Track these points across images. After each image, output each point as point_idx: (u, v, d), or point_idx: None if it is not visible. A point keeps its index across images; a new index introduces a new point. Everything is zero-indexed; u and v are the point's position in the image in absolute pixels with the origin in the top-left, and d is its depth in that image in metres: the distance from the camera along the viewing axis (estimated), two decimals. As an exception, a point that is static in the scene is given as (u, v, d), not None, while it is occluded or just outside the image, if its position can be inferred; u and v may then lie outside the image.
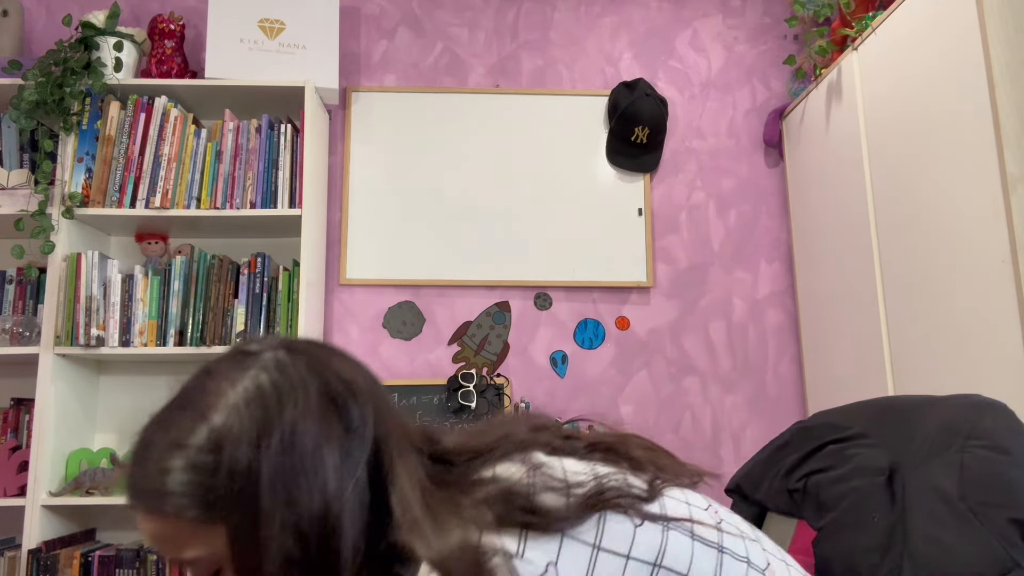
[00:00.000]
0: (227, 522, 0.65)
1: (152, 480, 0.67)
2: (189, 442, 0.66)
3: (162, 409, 0.71)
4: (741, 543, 0.75)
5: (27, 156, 2.22)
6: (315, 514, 0.66)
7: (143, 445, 0.70)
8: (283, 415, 0.67)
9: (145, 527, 0.68)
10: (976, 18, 1.56)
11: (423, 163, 2.51)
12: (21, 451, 2.07)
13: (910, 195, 1.82)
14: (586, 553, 0.65)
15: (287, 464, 0.66)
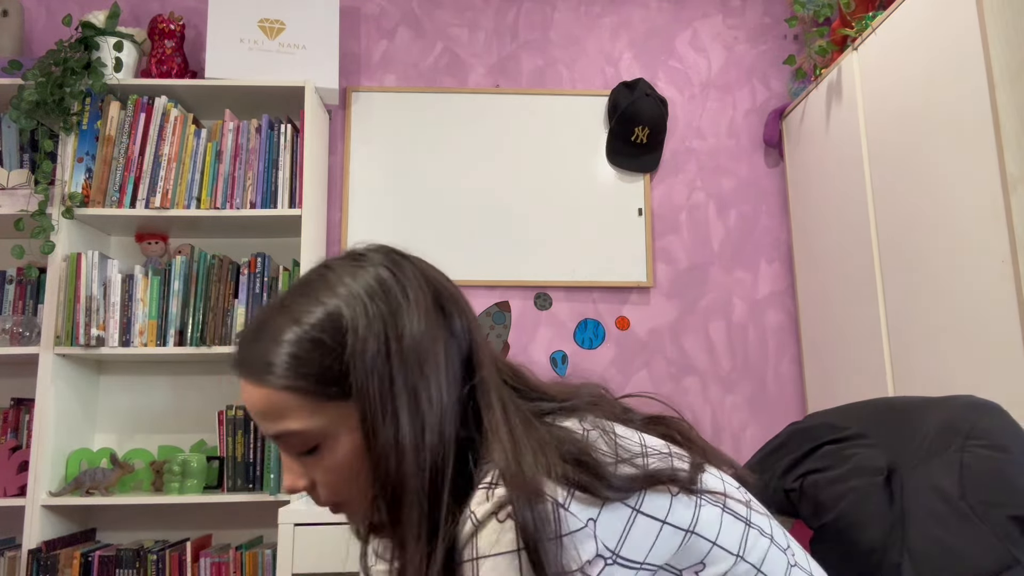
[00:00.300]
0: (336, 401, 0.69)
1: (267, 352, 0.70)
2: (310, 321, 0.70)
3: (280, 296, 0.75)
4: (767, 521, 0.77)
5: (27, 156, 2.22)
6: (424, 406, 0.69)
7: (261, 321, 0.73)
8: (402, 309, 0.71)
9: (251, 397, 0.71)
10: (976, 18, 1.56)
11: (423, 163, 2.52)
12: (21, 451, 2.07)
13: (910, 195, 1.82)
14: (625, 515, 0.67)
15: (404, 354, 0.69)
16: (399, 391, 0.69)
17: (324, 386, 0.69)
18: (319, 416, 0.70)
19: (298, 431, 0.70)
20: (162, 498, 2.03)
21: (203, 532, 2.21)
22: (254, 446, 2.13)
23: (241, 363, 0.73)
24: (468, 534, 0.65)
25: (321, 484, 0.73)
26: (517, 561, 0.62)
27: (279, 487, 2.06)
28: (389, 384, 0.69)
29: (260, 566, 2.03)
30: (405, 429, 0.68)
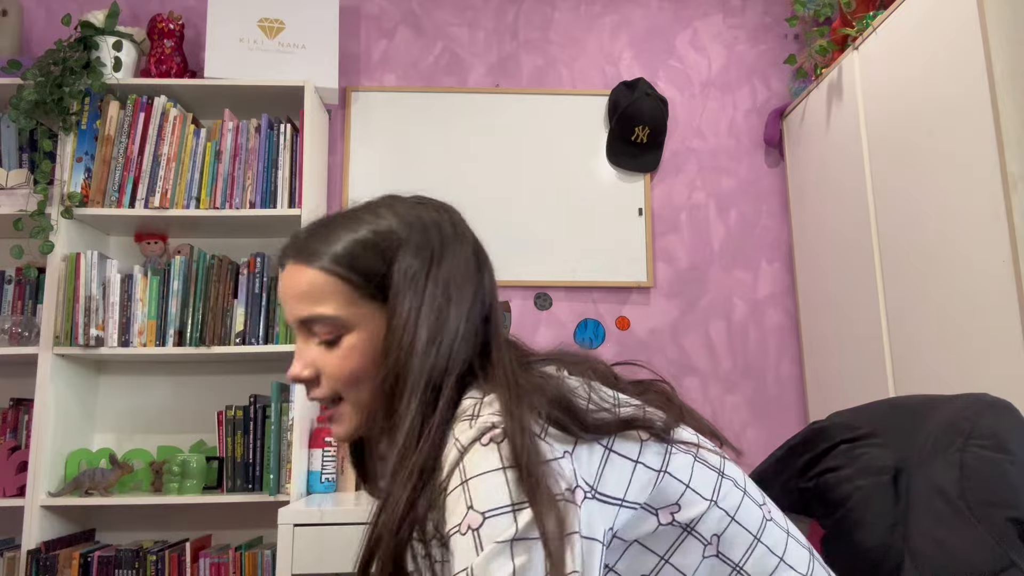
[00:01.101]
0: (372, 302, 0.79)
1: (325, 241, 0.80)
2: (369, 227, 0.81)
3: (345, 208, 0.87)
4: (741, 476, 0.80)
5: (26, 156, 2.22)
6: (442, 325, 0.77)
7: (321, 221, 0.85)
8: (448, 245, 0.82)
9: (295, 280, 0.80)
10: (977, 17, 1.55)
11: (423, 163, 2.51)
12: (20, 451, 2.07)
13: (910, 195, 1.82)
14: (599, 453, 0.71)
15: (439, 279, 0.79)
16: (426, 306, 0.77)
17: (366, 285, 0.79)
18: (354, 309, 0.78)
19: (332, 316, 0.78)
20: (161, 498, 2.03)
21: (202, 532, 2.21)
22: (253, 446, 2.13)
23: (294, 248, 0.82)
24: (453, 461, 0.68)
25: (328, 376, 0.79)
26: (503, 477, 0.65)
27: (279, 487, 2.05)
28: (420, 298, 0.77)
29: (259, 566, 2.02)
30: (422, 336, 0.76)
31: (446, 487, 0.68)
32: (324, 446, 2.15)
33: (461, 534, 0.64)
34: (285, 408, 2.11)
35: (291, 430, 2.06)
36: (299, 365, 0.80)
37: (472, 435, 0.68)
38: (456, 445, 0.69)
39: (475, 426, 0.69)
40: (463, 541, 0.64)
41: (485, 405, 0.71)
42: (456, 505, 0.66)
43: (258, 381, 2.30)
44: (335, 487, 2.18)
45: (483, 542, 0.63)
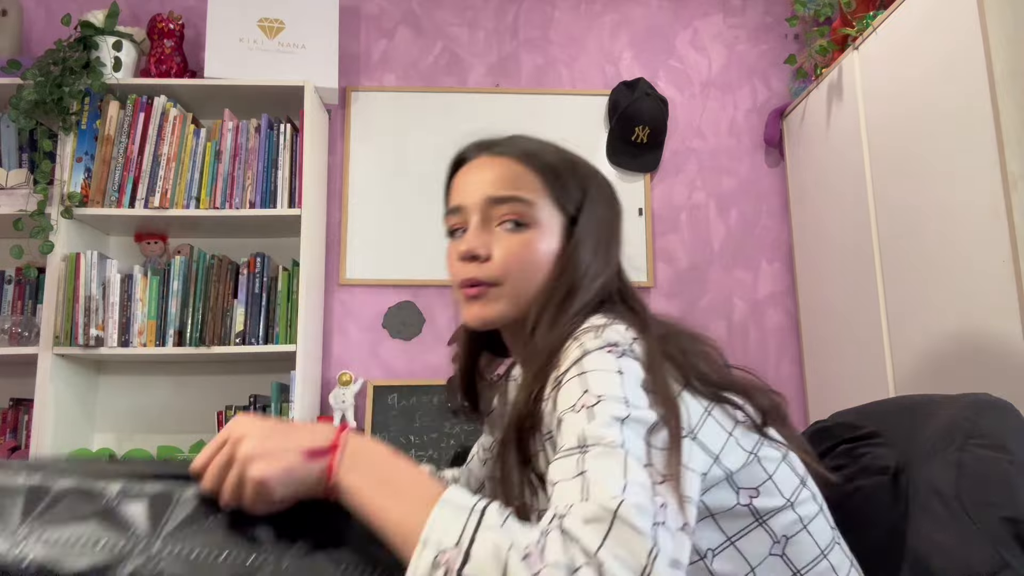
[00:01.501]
0: (560, 209, 0.87)
1: (538, 147, 0.90)
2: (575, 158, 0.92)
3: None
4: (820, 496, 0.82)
5: (26, 156, 2.21)
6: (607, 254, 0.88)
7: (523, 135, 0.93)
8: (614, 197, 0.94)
9: (502, 167, 0.87)
10: (977, 17, 1.55)
11: (423, 163, 2.51)
12: (20, 451, 2.07)
13: (911, 194, 1.81)
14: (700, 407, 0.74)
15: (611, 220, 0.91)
16: (603, 240, 0.88)
17: (562, 192, 0.87)
18: (547, 206, 0.86)
19: (529, 202, 0.85)
20: (161, 498, 2.02)
21: (202, 532, 2.21)
22: (253, 446, 2.13)
23: (496, 145, 0.90)
24: (575, 358, 0.72)
25: (502, 258, 0.84)
26: (620, 377, 0.68)
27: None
28: (599, 232, 0.88)
29: (259, 566, 2.02)
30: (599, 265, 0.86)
31: (561, 380, 0.71)
32: (324, 446, 2.15)
33: (574, 411, 0.66)
34: (285, 408, 2.11)
35: (291, 430, 2.06)
36: (477, 243, 0.84)
37: (597, 344, 0.72)
38: (581, 347, 0.73)
39: (600, 336, 0.73)
40: (575, 417, 0.65)
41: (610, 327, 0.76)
42: (571, 392, 0.69)
43: (258, 381, 2.30)
44: (335, 487, 2.18)
45: (596, 415, 0.64)
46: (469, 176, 0.89)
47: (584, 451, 0.62)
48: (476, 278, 0.84)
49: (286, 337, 2.13)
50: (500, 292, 0.84)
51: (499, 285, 0.84)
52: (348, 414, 2.28)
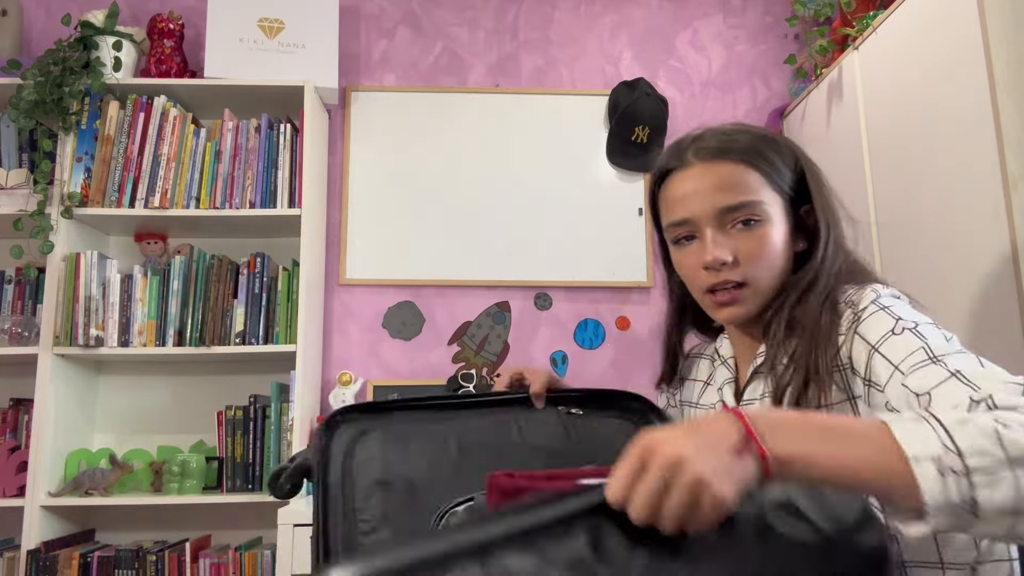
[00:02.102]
0: (780, 195, 0.92)
1: (746, 143, 0.92)
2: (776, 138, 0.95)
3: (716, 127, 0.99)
4: None
5: (26, 156, 2.21)
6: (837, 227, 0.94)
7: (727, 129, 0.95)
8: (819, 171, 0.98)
9: (719, 174, 0.90)
10: (977, 17, 1.55)
11: (423, 163, 2.51)
12: (20, 451, 2.07)
13: (910, 194, 1.81)
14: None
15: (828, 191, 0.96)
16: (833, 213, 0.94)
17: (780, 178, 0.92)
18: (770, 197, 0.91)
19: (755, 202, 0.89)
20: (161, 499, 2.03)
21: (202, 533, 2.21)
22: (253, 447, 2.13)
23: (705, 149, 0.92)
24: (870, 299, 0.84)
25: (746, 257, 0.89)
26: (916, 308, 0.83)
27: (278, 487, 2.05)
28: (827, 202, 0.94)
29: (259, 567, 2.02)
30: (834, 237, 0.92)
31: (860, 318, 0.82)
32: (324, 446, 2.15)
33: (896, 334, 0.77)
34: (285, 408, 2.11)
35: (291, 430, 2.06)
36: (719, 251, 0.89)
37: (890, 291, 0.85)
38: (872, 290, 0.84)
39: (890, 289, 0.86)
40: (900, 339, 0.76)
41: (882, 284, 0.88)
42: (880, 322, 0.80)
43: (258, 381, 2.30)
44: (335, 487, 2.17)
45: (924, 335, 0.75)
46: (688, 185, 0.92)
47: (937, 361, 0.72)
48: (726, 281, 0.90)
49: (286, 337, 2.13)
50: (747, 293, 0.91)
51: (747, 286, 0.90)
52: (348, 414, 2.28)
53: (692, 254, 0.93)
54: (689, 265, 0.94)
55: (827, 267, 0.90)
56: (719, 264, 0.89)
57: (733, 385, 1.00)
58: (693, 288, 0.96)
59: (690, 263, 0.93)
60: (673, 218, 0.93)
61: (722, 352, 1.05)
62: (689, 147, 0.93)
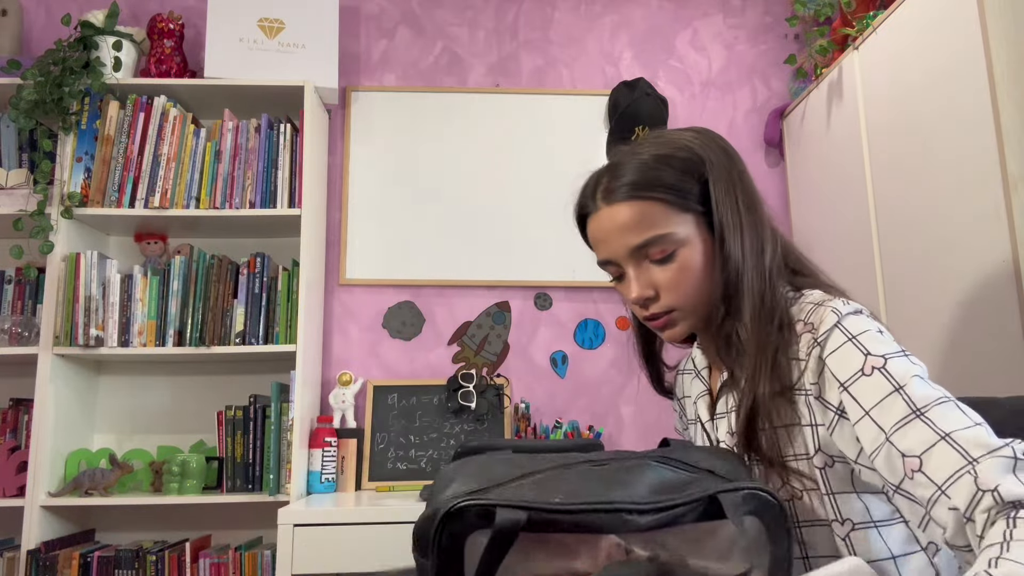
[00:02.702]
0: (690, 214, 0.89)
1: (637, 173, 0.89)
2: (669, 150, 0.91)
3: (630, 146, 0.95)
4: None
5: (26, 156, 2.22)
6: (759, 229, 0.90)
7: (618, 161, 0.93)
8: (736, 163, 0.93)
9: (618, 216, 0.89)
10: (977, 17, 1.55)
11: (423, 163, 2.51)
12: (20, 451, 2.07)
13: (910, 195, 1.81)
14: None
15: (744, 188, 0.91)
16: (743, 213, 0.89)
17: (683, 199, 0.88)
18: (679, 223, 0.88)
19: (663, 235, 0.88)
20: (161, 499, 2.03)
21: (202, 533, 2.21)
22: (253, 446, 2.13)
23: (607, 191, 0.90)
24: (831, 323, 0.81)
25: (666, 289, 0.89)
26: (888, 335, 0.80)
27: (278, 487, 2.05)
28: (735, 206, 0.89)
29: (259, 567, 2.02)
30: (748, 242, 0.88)
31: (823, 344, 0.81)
32: (324, 446, 2.15)
33: (866, 375, 0.76)
34: (285, 408, 2.11)
35: (291, 430, 2.06)
36: (639, 288, 0.90)
37: (850, 309, 0.82)
38: (833, 312, 0.82)
39: (850, 305, 0.83)
40: (869, 381, 0.76)
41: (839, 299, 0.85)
42: (849, 358, 0.78)
43: (258, 381, 2.30)
44: (335, 487, 2.18)
45: (894, 375, 0.75)
46: (600, 230, 0.92)
47: (922, 415, 0.71)
48: (654, 314, 0.91)
49: (286, 337, 2.13)
50: (679, 315, 0.91)
51: (675, 310, 0.91)
52: (348, 414, 2.29)
53: (624, 289, 0.94)
54: (625, 299, 0.96)
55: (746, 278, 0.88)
56: (643, 301, 0.91)
57: (707, 398, 1.01)
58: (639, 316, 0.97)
59: (624, 297, 0.95)
60: (599, 259, 0.95)
61: (697, 362, 1.06)
62: (596, 188, 0.93)
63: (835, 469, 0.82)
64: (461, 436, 2.32)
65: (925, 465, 0.69)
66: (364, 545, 1.78)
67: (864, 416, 0.75)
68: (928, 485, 0.68)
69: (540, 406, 2.41)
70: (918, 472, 0.69)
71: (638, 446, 2.39)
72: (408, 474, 2.27)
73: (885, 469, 0.73)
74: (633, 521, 0.67)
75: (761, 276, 0.88)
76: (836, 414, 0.80)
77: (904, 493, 0.72)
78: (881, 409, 0.74)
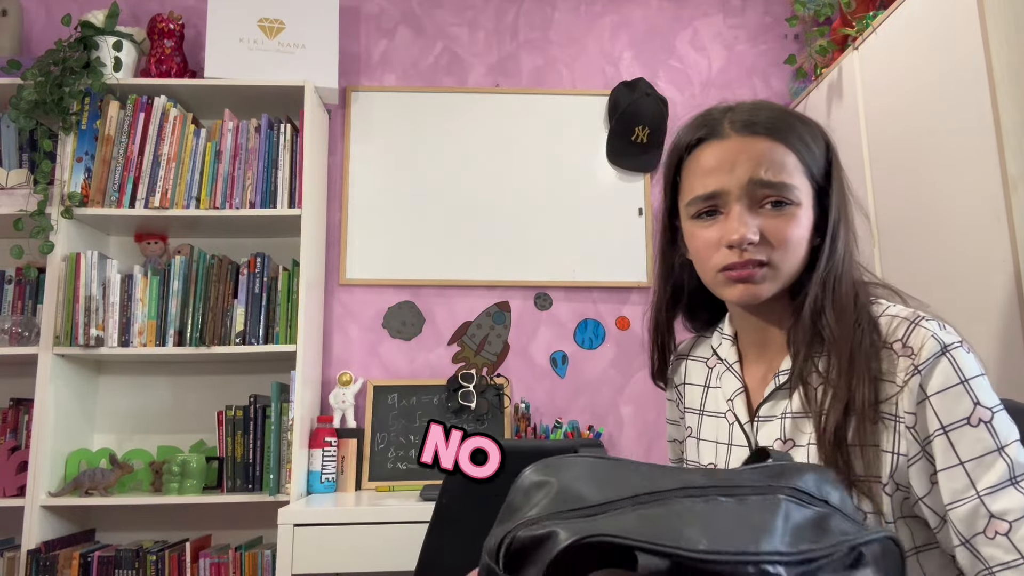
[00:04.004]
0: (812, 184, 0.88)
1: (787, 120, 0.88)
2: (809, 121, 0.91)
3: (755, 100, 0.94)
4: None
5: (26, 156, 2.22)
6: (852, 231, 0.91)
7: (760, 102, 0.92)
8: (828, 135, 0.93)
9: (765, 150, 0.86)
10: (977, 17, 1.55)
11: (423, 163, 2.51)
12: (20, 451, 2.07)
13: (910, 194, 1.81)
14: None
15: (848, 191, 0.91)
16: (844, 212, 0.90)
17: (812, 166, 0.88)
18: (802, 183, 0.87)
19: (790, 184, 0.85)
20: (161, 498, 2.03)
21: (202, 532, 2.21)
22: (253, 446, 2.13)
23: (745, 123, 0.88)
24: (935, 352, 0.78)
25: (774, 238, 0.85)
26: (987, 381, 0.78)
27: (279, 487, 2.05)
28: (847, 198, 0.91)
29: (259, 567, 2.02)
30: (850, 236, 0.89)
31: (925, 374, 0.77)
32: (324, 446, 2.15)
33: (972, 426, 0.75)
34: (285, 408, 2.11)
35: (291, 430, 2.06)
36: (750, 229, 0.85)
37: (954, 339, 0.79)
38: (934, 338, 0.79)
39: (949, 331, 0.81)
40: (973, 432, 0.75)
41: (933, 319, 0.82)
42: (957, 401, 0.76)
43: (258, 381, 2.30)
44: (335, 487, 2.18)
45: (999, 433, 0.74)
46: (726, 156, 0.86)
47: (1016, 482, 0.73)
48: (748, 260, 0.85)
49: (286, 337, 2.13)
50: (769, 273, 0.85)
51: (767, 266, 0.85)
52: (348, 414, 2.29)
53: (714, 229, 0.86)
54: (708, 240, 0.87)
55: (844, 269, 0.86)
56: (746, 243, 0.83)
57: (744, 396, 0.93)
58: (706, 266, 0.89)
59: (710, 237, 0.87)
60: (701, 191, 0.87)
61: (723, 354, 0.98)
62: (723, 118, 0.88)
63: (896, 496, 0.80)
64: (461, 436, 2.31)
65: (1014, 532, 0.71)
66: (364, 545, 1.78)
67: (958, 466, 0.74)
68: (1010, 551, 0.70)
69: (540, 406, 2.41)
70: (1003, 536, 0.71)
71: (638, 446, 2.40)
72: (408, 474, 2.27)
73: (963, 523, 0.73)
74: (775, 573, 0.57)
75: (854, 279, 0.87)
76: (922, 450, 0.77)
77: (972, 548, 0.73)
78: (979, 465, 0.73)
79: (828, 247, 0.86)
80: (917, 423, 0.77)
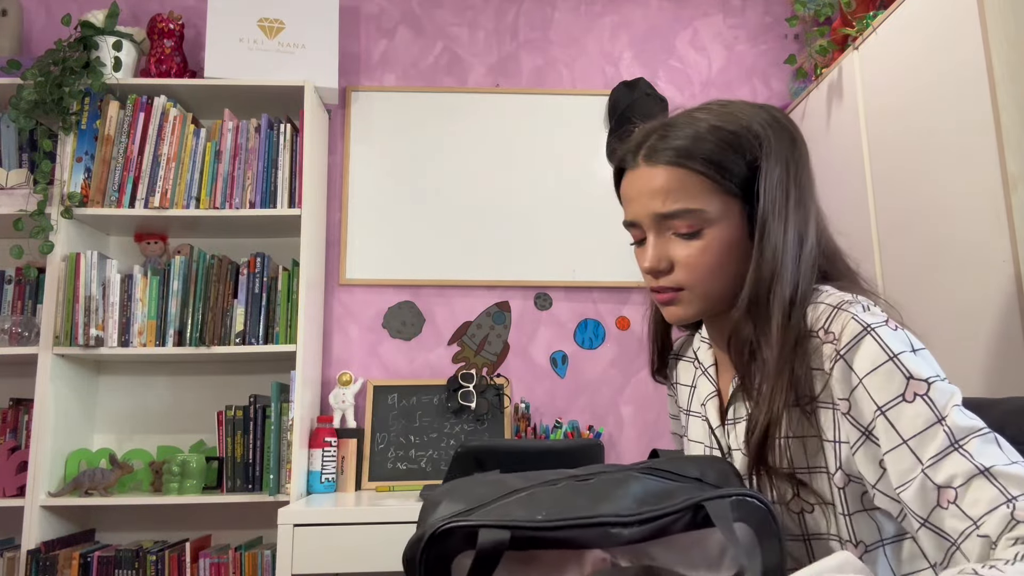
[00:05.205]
0: (730, 196, 0.83)
1: (684, 140, 0.84)
2: (727, 125, 0.85)
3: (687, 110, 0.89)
4: None
5: (26, 156, 2.22)
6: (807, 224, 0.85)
7: (670, 121, 0.87)
8: (797, 149, 0.87)
9: (653, 178, 0.84)
10: (977, 17, 1.55)
11: (423, 163, 2.51)
12: (20, 451, 2.07)
13: (910, 195, 1.81)
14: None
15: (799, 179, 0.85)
16: (792, 205, 0.84)
17: (726, 179, 0.83)
18: (714, 202, 0.83)
19: (694, 210, 0.83)
20: (161, 498, 2.03)
21: (202, 533, 2.21)
22: (253, 446, 2.13)
23: (651, 150, 0.86)
24: (857, 334, 0.76)
25: (683, 266, 0.85)
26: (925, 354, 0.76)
27: (278, 487, 2.05)
28: (785, 197, 0.83)
29: (259, 567, 2.02)
30: (791, 235, 0.83)
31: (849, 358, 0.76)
32: (324, 446, 2.15)
33: (908, 401, 0.72)
34: (285, 408, 2.11)
35: (291, 430, 2.06)
36: (655, 257, 0.86)
37: (877, 319, 0.78)
38: (855, 320, 0.77)
39: (872, 311, 0.79)
40: (911, 407, 0.72)
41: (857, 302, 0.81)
42: (890, 378, 0.74)
43: (258, 381, 2.30)
44: (335, 487, 2.18)
45: (937, 404, 0.71)
46: (633, 188, 0.87)
47: (960, 448, 0.69)
48: (662, 286, 0.87)
49: (286, 337, 2.13)
50: (687, 296, 0.86)
51: (684, 290, 0.86)
52: (348, 414, 2.29)
53: (640, 255, 0.89)
54: (640, 265, 0.90)
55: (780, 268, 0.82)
56: (654, 272, 0.87)
57: (716, 400, 0.95)
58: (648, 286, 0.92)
59: (640, 263, 0.90)
60: (625, 219, 0.90)
61: (701, 358, 1.01)
62: (642, 145, 0.88)
63: (851, 488, 0.79)
64: (461, 436, 2.32)
65: (961, 498, 0.68)
66: (364, 545, 1.78)
67: (901, 445, 0.72)
68: (963, 518, 0.67)
69: (540, 406, 2.41)
70: (953, 504, 0.68)
71: (638, 445, 2.40)
72: (408, 474, 2.27)
73: (915, 502, 0.71)
74: (617, 534, 0.66)
75: (793, 281, 0.82)
76: (864, 435, 0.76)
77: (932, 527, 0.70)
78: (921, 440, 0.71)
79: (756, 249, 0.83)
80: (852, 408, 0.77)
